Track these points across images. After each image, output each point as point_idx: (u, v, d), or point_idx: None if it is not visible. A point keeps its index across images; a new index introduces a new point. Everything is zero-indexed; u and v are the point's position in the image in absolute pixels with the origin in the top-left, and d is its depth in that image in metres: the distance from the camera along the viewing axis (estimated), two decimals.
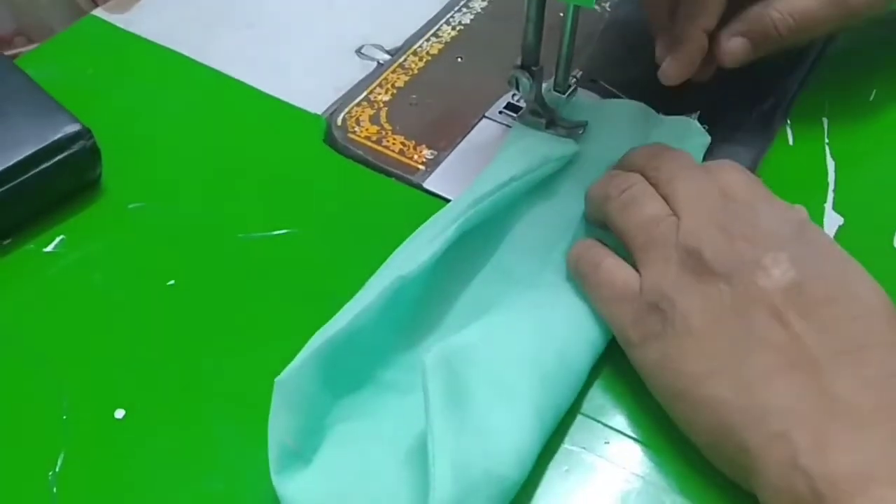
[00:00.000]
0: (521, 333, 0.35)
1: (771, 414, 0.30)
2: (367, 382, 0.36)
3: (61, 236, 0.42)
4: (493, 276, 0.40)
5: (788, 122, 0.49)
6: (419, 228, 0.40)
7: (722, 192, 0.36)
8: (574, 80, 0.46)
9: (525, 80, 0.45)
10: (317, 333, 0.35)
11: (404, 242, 0.39)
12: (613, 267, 0.37)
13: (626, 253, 0.38)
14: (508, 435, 0.31)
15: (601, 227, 0.40)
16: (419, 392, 0.35)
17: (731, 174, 0.38)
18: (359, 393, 0.35)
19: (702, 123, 0.47)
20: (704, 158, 0.46)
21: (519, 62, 0.45)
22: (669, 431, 0.34)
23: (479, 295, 0.39)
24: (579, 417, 0.35)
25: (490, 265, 0.40)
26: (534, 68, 0.45)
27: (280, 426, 0.32)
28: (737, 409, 0.31)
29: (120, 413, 0.36)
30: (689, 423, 0.33)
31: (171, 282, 0.40)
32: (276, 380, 0.33)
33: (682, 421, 0.33)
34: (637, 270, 0.36)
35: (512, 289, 0.39)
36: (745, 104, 0.50)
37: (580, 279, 0.38)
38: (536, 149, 0.43)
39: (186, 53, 0.52)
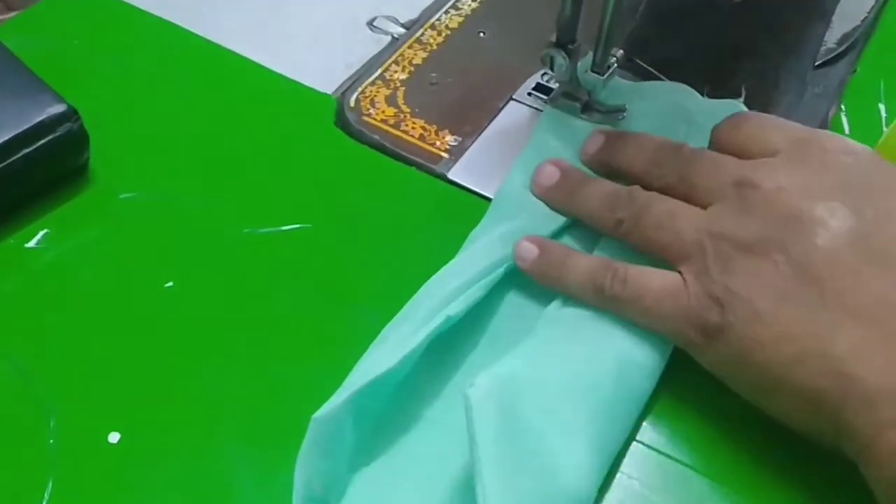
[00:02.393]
0: (571, 357, 0.31)
1: (879, 399, 0.27)
2: (394, 416, 0.32)
3: (45, 230, 0.38)
4: (528, 292, 0.36)
5: (843, 109, 0.45)
6: (466, 244, 0.36)
7: (740, 151, 0.33)
8: (614, 59, 0.41)
9: (561, 60, 0.41)
10: (356, 369, 0.31)
11: (452, 262, 0.35)
12: (643, 273, 0.32)
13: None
14: (566, 474, 0.27)
15: None
16: (447, 424, 0.32)
17: (748, 128, 0.34)
18: (386, 429, 0.32)
19: (749, 108, 0.43)
20: None
21: (553, 39, 0.41)
22: (730, 460, 0.31)
23: (512, 312, 0.35)
24: (635, 446, 0.31)
25: (526, 279, 0.36)
26: (570, 46, 0.41)
27: (310, 468, 0.29)
28: (837, 396, 0.27)
29: (114, 437, 0.32)
30: (783, 414, 0.30)
31: (170, 283, 0.36)
32: (312, 417, 0.29)
33: (775, 412, 0.30)
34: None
35: (549, 306, 0.35)
36: (794, 88, 0.46)
37: (608, 301, 0.33)
38: (576, 140, 0.39)
39: (182, 24, 0.47)
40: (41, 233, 0.38)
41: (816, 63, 0.47)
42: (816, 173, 0.30)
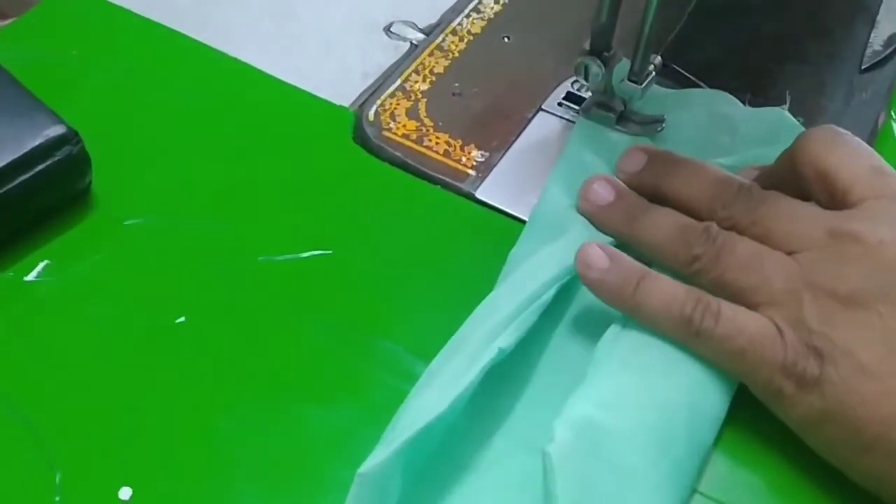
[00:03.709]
0: (643, 403, 0.28)
1: None
2: (444, 463, 0.29)
3: (45, 261, 0.35)
4: (583, 318, 0.33)
5: (893, 116, 0.42)
6: (508, 269, 0.33)
7: (824, 176, 0.31)
8: (652, 67, 0.39)
9: (596, 69, 0.38)
10: (402, 413, 0.28)
11: (497, 288, 0.32)
12: (736, 313, 0.30)
13: None
14: None
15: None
16: (496, 469, 0.29)
17: (824, 158, 0.31)
18: (436, 477, 0.29)
19: (794, 116, 0.40)
20: None
21: (587, 47, 0.38)
22: None
23: (568, 341, 0.33)
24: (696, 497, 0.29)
25: (577, 305, 0.34)
26: (605, 54, 0.38)
27: None
28: None
29: (126, 492, 0.29)
30: (874, 478, 0.28)
31: (181, 318, 0.33)
32: (359, 472, 0.26)
33: (870, 475, 0.28)
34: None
35: (607, 332, 0.32)
36: (841, 93, 0.43)
37: (694, 336, 0.30)
38: (614, 154, 0.36)
39: (188, 33, 0.44)
40: (41, 264, 0.35)
41: (863, 67, 0.44)
42: None
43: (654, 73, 0.39)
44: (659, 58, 0.39)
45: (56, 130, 0.35)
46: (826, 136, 0.32)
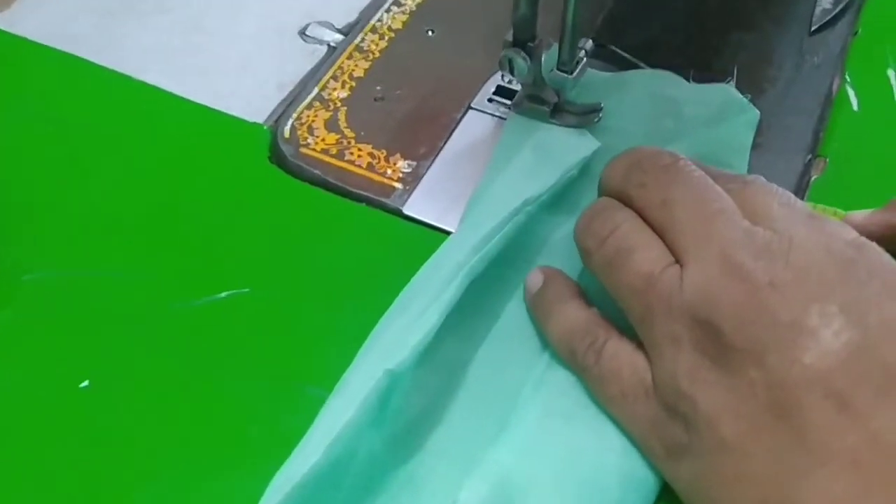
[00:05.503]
0: (568, 448, 0.26)
1: None
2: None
3: None
4: (506, 341, 0.30)
5: (848, 80, 0.39)
6: (407, 287, 0.30)
7: (743, 209, 0.26)
8: (583, 52, 0.36)
9: (521, 61, 0.35)
10: (282, 469, 0.25)
11: (389, 309, 0.29)
12: (619, 353, 0.27)
13: None
14: None
15: None
16: None
17: (759, 190, 0.27)
18: None
19: (742, 92, 0.38)
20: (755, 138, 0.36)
21: (510, 38, 0.35)
22: None
23: (491, 367, 0.30)
24: None
25: (502, 324, 0.31)
26: (530, 44, 0.35)
27: None
28: None
29: None
30: None
31: (85, 383, 0.30)
32: None
33: None
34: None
35: (535, 359, 0.29)
36: (790, 60, 0.40)
37: (579, 371, 0.28)
38: (551, 152, 0.34)
39: (86, 56, 0.41)
40: None
41: (812, 28, 0.41)
42: (817, 263, 0.24)
43: (585, 59, 0.36)
44: (590, 41, 0.36)
45: None
46: (732, 179, 0.28)
